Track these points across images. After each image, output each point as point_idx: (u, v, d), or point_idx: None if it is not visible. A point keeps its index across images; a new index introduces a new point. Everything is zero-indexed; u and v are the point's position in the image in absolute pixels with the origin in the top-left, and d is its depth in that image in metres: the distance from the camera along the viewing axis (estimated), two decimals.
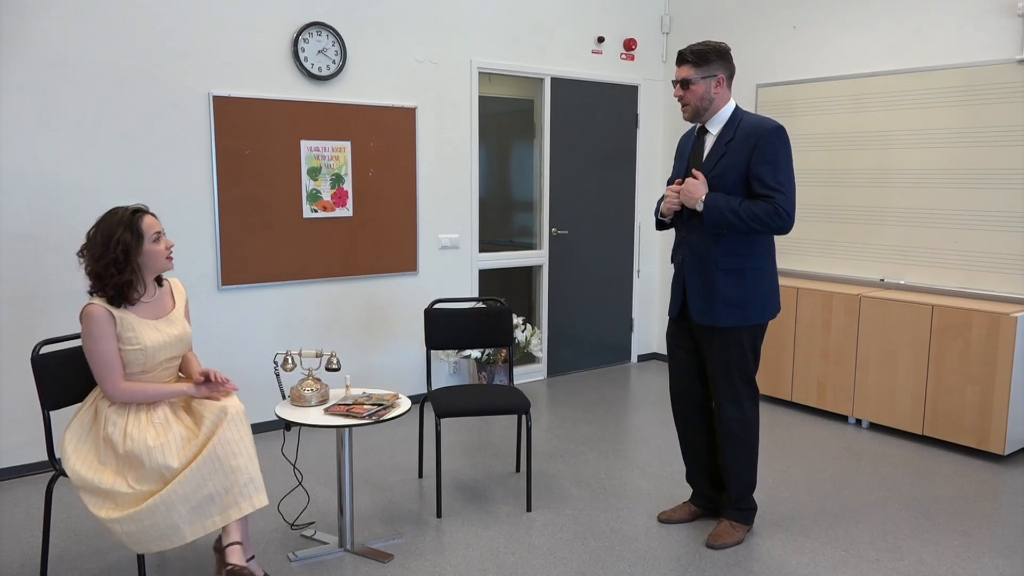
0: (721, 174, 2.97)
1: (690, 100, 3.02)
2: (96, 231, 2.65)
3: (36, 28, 3.72)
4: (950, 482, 3.88)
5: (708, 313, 3.07)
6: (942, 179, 4.55)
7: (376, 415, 2.99)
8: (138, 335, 2.64)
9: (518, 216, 5.91)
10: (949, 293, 4.54)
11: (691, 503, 3.43)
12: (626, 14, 5.92)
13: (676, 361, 3.32)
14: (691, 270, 3.11)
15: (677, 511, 3.42)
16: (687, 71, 3.00)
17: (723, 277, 3.03)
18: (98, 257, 2.60)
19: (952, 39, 4.49)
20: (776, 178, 2.90)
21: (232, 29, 4.26)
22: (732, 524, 3.24)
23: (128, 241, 2.61)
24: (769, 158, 2.92)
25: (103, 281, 2.60)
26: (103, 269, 2.59)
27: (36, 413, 2.85)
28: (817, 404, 4.91)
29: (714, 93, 3.00)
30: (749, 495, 3.25)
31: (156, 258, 2.69)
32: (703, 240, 3.05)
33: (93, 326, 2.59)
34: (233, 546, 2.58)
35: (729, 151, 2.98)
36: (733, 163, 2.96)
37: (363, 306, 4.89)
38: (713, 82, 2.99)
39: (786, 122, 5.25)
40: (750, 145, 2.94)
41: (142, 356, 2.66)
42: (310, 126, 4.54)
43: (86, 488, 2.56)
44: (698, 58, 2.98)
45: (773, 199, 2.89)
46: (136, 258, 2.64)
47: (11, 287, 3.78)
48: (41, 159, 3.79)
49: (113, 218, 2.65)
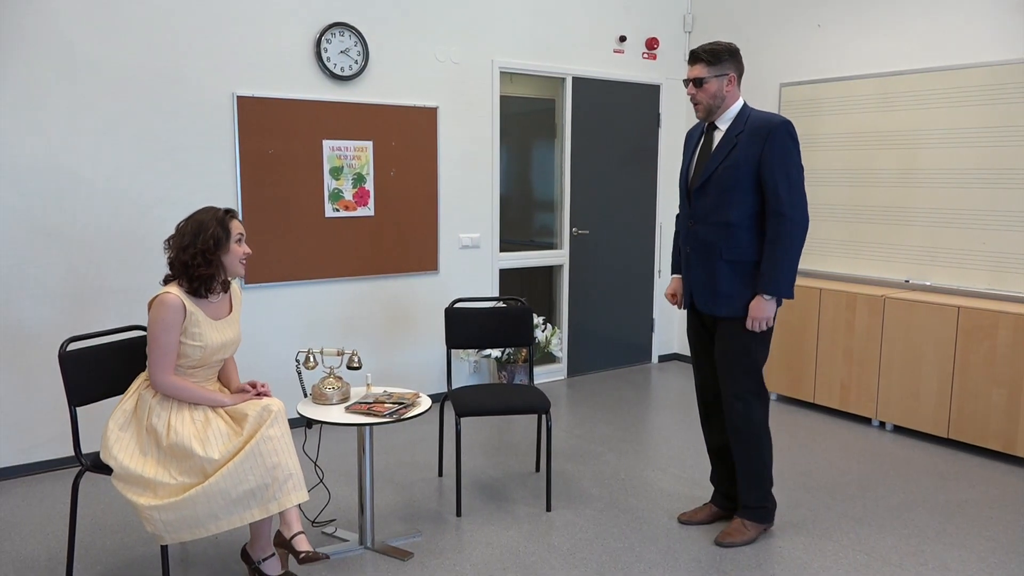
0: (733, 165, 3.01)
1: (703, 99, 3.07)
2: (187, 223, 2.74)
3: (62, 29, 3.78)
4: (975, 486, 3.83)
5: (711, 303, 3.13)
6: (969, 179, 4.49)
7: (397, 414, 3.00)
8: (202, 332, 2.71)
9: (539, 216, 5.91)
10: (975, 295, 4.47)
11: (712, 503, 3.42)
12: (648, 13, 5.89)
13: (695, 353, 3.36)
14: (696, 261, 3.16)
15: (698, 512, 3.41)
16: (700, 70, 3.05)
17: (726, 268, 3.07)
18: (186, 246, 2.69)
19: (979, 37, 4.43)
20: (789, 193, 2.97)
21: (256, 30, 4.29)
22: (744, 523, 3.22)
23: (219, 235, 2.71)
24: (780, 158, 2.98)
25: (188, 271, 2.68)
26: (190, 259, 2.67)
27: (63, 409, 2.90)
28: (840, 406, 4.87)
29: (726, 91, 3.06)
30: (761, 493, 3.22)
31: (234, 259, 2.77)
32: (710, 231, 3.10)
33: (166, 314, 2.64)
34: (299, 536, 2.63)
35: (740, 143, 3.02)
36: (744, 155, 3.01)
37: (384, 305, 4.92)
38: (725, 80, 3.04)
39: (810, 121, 5.28)
40: (761, 137, 2.99)
41: (200, 353, 2.72)
42: (332, 126, 4.57)
43: (126, 477, 2.60)
44: (712, 57, 3.03)
45: (783, 217, 2.96)
46: (222, 254, 2.72)
47: (39, 285, 3.84)
48: (67, 158, 3.85)
49: (207, 213, 2.76)
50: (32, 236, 3.80)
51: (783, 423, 4.79)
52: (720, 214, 3.06)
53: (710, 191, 3.08)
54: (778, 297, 3.03)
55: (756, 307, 3.03)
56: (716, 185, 3.06)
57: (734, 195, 3.02)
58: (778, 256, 2.98)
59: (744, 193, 3.01)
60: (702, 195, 3.11)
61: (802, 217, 2.99)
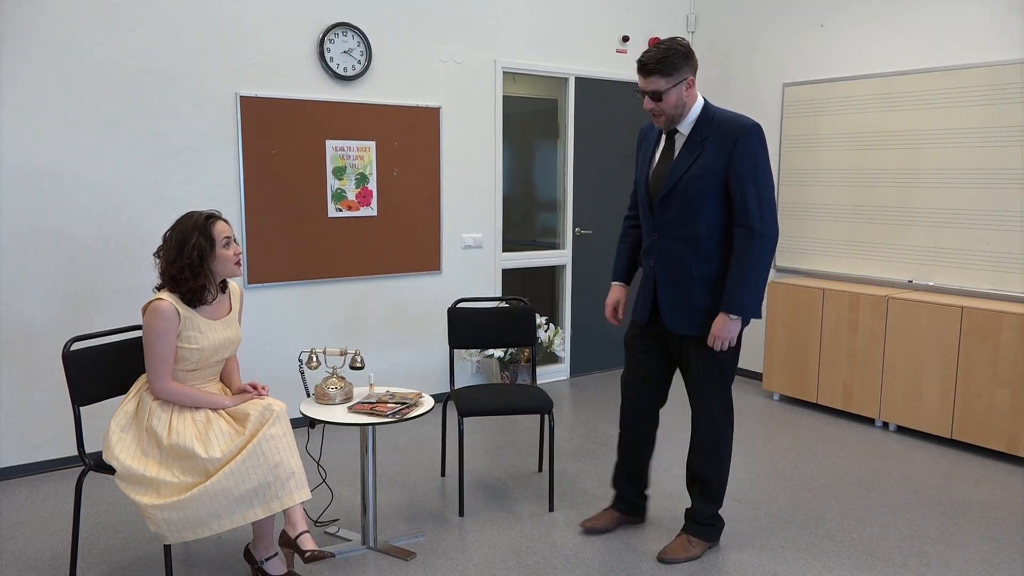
0: (700, 175, 2.82)
1: (664, 110, 2.82)
2: (171, 235, 2.71)
3: (66, 30, 3.78)
4: (979, 487, 3.83)
5: (684, 322, 2.95)
6: (972, 179, 4.48)
7: (399, 414, 3.00)
8: (198, 336, 2.70)
9: (542, 216, 5.91)
10: (979, 295, 4.47)
11: (614, 509, 3.31)
12: (651, 13, 5.89)
13: (636, 366, 3.16)
14: (664, 278, 2.96)
15: (601, 518, 3.29)
16: (657, 82, 2.78)
17: (699, 285, 2.90)
18: (173, 260, 2.67)
19: (982, 37, 4.42)
20: (759, 204, 2.78)
21: (259, 30, 4.30)
22: (690, 539, 3.09)
23: (202, 246, 2.67)
24: (750, 167, 2.78)
25: (178, 284, 2.67)
26: (178, 272, 2.66)
27: (65, 408, 2.91)
28: (843, 406, 4.86)
29: (686, 97, 2.83)
30: (714, 510, 3.12)
31: (225, 263, 2.75)
32: (676, 246, 2.91)
33: (159, 321, 2.64)
34: (304, 535, 2.63)
35: (706, 150, 2.82)
36: (711, 164, 2.81)
37: (387, 305, 4.92)
38: (684, 86, 2.81)
39: (813, 121, 5.27)
40: (730, 143, 2.79)
41: (197, 355, 2.72)
42: (335, 126, 4.57)
43: (129, 477, 2.60)
44: (666, 66, 2.77)
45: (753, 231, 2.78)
46: (209, 263, 2.70)
47: (43, 284, 3.85)
48: (71, 158, 3.86)
49: (188, 223, 2.71)
50: (35, 236, 3.80)
51: (786, 423, 4.78)
52: (688, 227, 2.88)
53: (675, 202, 2.87)
54: (745, 313, 2.83)
55: (720, 327, 2.83)
56: (682, 196, 2.85)
57: (702, 207, 2.84)
58: (746, 274, 2.79)
59: (713, 204, 2.83)
60: (666, 206, 2.90)
61: (772, 231, 2.81)
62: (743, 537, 3.28)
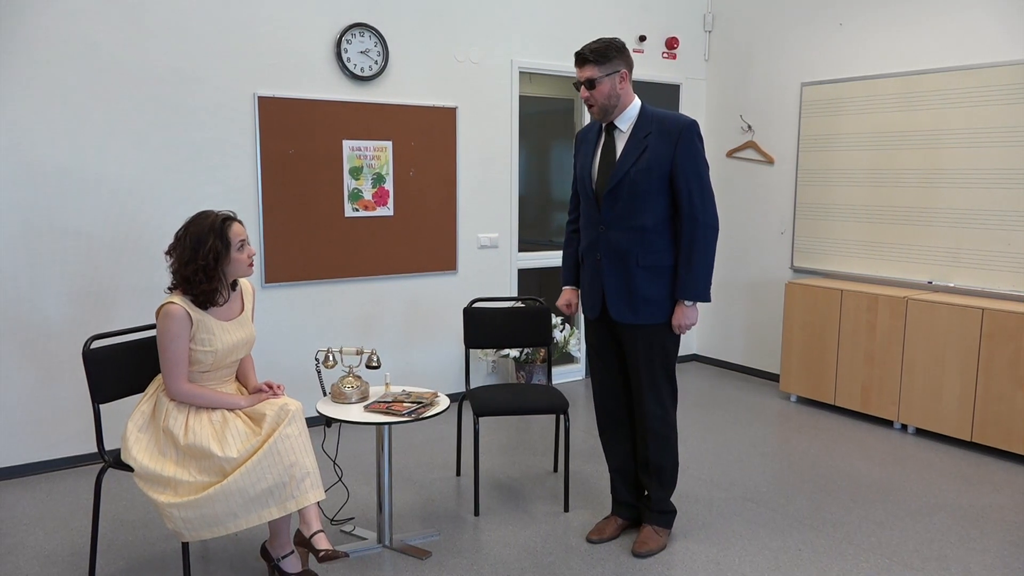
0: (647, 168, 2.94)
1: (597, 99, 2.97)
2: (185, 234, 2.68)
3: (85, 31, 3.82)
4: (999, 490, 3.78)
5: (629, 312, 3.04)
6: (993, 179, 4.43)
7: (415, 413, 3.01)
8: (211, 338, 2.71)
9: (558, 216, 5.91)
10: (1000, 296, 4.42)
11: (616, 516, 3.32)
12: (668, 12, 5.87)
13: (603, 363, 3.24)
14: (610, 270, 3.05)
15: (606, 527, 3.29)
16: (591, 71, 2.95)
17: (644, 275, 3.01)
18: (187, 261, 2.65)
19: (1003, 35, 4.37)
20: (702, 197, 2.97)
21: (277, 31, 4.32)
22: (655, 529, 3.17)
23: (218, 249, 2.66)
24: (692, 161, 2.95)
25: (191, 285, 2.66)
26: (192, 274, 2.64)
27: (87, 406, 2.93)
28: (861, 408, 4.82)
29: (620, 89, 2.97)
30: (668, 496, 3.21)
31: (239, 265, 2.75)
32: (623, 237, 3.02)
33: (171, 324, 2.64)
34: (318, 535, 2.64)
35: (651, 145, 2.96)
36: (657, 157, 2.95)
37: (403, 305, 4.93)
38: (617, 78, 2.95)
39: (831, 121, 5.24)
40: (673, 139, 2.94)
41: (211, 357, 2.73)
42: (352, 126, 4.59)
43: (147, 476, 2.62)
44: (599, 56, 2.93)
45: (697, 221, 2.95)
46: (223, 266, 2.70)
47: (64, 283, 3.89)
48: (91, 158, 3.89)
49: (204, 223, 2.68)
50: (54, 236, 3.84)
51: (803, 425, 4.75)
52: (634, 219, 2.99)
53: (622, 195, 2.98)
54: (699, 298, 3.01)
55: (681, 315, 3.01)
56: (629, 189, 2.97)
57: (648, 199, 2.96)
58: (695, 262, 2.96)
59: (658, 196, 2.96)
60: (613, 200, 3.00)
61: (714, 219, 2.99)
62: (761, 540, 3.26)
